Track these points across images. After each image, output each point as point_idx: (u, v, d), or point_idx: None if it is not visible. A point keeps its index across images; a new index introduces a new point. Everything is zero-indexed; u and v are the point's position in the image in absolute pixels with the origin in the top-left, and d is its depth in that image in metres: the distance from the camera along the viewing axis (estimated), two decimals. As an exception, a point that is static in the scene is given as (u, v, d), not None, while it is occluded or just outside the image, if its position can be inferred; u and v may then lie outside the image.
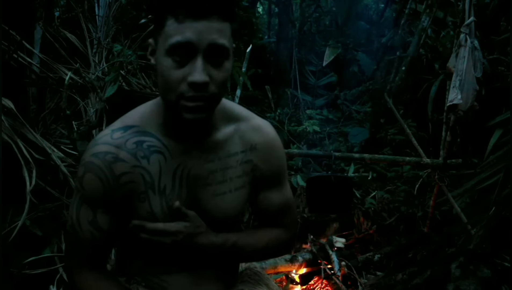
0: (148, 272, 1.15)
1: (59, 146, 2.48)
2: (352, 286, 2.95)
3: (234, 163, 1.12)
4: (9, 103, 2.04)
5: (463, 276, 2.48)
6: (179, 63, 0.94)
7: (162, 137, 1.06)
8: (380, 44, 6.95)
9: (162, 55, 0.95)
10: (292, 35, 7.02)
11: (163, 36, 0.94)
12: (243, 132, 1.14)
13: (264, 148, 1.15)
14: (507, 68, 3.85)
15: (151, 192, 1.06)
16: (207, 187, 1.10)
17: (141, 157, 1.04)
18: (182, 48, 0.93)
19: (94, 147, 1.05)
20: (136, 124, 1.07)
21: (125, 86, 2.99)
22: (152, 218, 1.06)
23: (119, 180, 1.03)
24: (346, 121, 6.40)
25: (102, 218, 1.06)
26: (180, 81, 0.94)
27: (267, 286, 1.28)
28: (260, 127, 1.17)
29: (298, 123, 5.91)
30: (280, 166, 1.19)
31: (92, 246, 1.08)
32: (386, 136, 4.92)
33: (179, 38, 0.92)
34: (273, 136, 1.18)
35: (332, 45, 7.13)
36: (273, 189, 1.19)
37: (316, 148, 5.35)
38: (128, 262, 1.17)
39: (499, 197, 2.58)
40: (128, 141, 1.04)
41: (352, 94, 6.82)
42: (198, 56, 0.93)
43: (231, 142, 1.12)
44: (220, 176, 1.10)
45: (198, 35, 0.92)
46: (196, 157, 1.08)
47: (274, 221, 1.22)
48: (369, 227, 3.63)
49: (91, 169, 1.03)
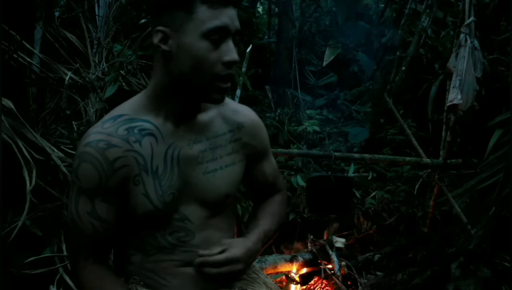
0: (147, 268, 1.15)
1: (59, 146, 2.47)
2: (352, 286, 2.95)
3: (223, 142, 1.19)
4: (9, 103, 2.04)
5: (463, 276, 2.48)
6: (215, 46, 1.02)
7: (153, 119, 1.10)
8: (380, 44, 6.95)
9: (195, 39, 1.01)
10: (292, 35, 7.02)
11: (194, 21, 1.00)
12: (226, 115, 1.21)
13: (251, 126, 1.25)
14: (507, 68, 3.85)
15: (145, 174, 1.09)
16: (198, 165, 1.14)
17: (133, 141, 1.08)
18: (218, 32, 1.01)
19: (86, 138, 1.08)
20: (126, 112, 1.11)
21: (125, 86, 2.98)
22: (147, 200, 1.09)
23: (113, 165, 1.06)
24: (346, 121, 6.41)
25: (100, 207, 1.08)
26: (216, 61, 1.03)
27: (265, 284, 1.28)
28: (241, 109, 1.27)
29: (298, 123, 5.91)
30: (267, 140, 1.33)
31: (94, 237, 1.09)
32: (386, 136, 4.92)
33: (217, 23, 1.01)
34: (255, 116, 1.29)
35: (332, 45, 7.13)
36: (265, 162, 1.33)
37: (316, 148, 5.35)
38: (126, 259, 1.17)
39: (499, 197, 2.58)
40: (120, 128, 1.08)
41: (352, 94, 6.83)
42: (229, 39, 1.04)
43: (216, 123, 1.19)
44: (210, 154, 1.16)
45: (230, 20, 1.03)
46: (186, 138, 1.13)
47: (271, 188, 1.38)
48: (369, 227, 3.63)
49: (85, 159, 1.06)
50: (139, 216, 1.10)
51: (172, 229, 1.13)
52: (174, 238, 1.14)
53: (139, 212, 1.09)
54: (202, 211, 1.16)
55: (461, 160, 3.27)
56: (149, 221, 1.12)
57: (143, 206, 1.09)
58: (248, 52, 3.12)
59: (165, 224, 1.13)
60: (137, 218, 1.11)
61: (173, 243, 1.14)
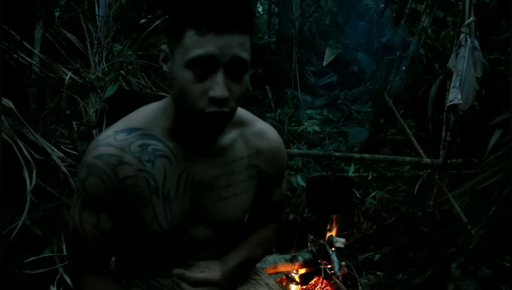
0: (148, 275, 1.15)
1: (59, 146, 2.48)
2: (352, 286, 2.95)
3: (239, 168, 1.12)
4: (9, 103, 2.05)
5: (463, 276, 2.48)
6: (200, 77, 0.90)
7: (167, 141, 1.04)
8: (380, 44, 6.94)
9: (180, 67, 0.91)
10: (292, 35, 7.01)
11: (181, 47, 0.91)
12: (247, 137, 1.13)
13: (270, 153, 1.16)
14: (507, 68, 3.85)
15: (155, 197, 1.04)
16: (212, 192, 1.09)
17: (146, 161, 1.02)
18: (203, 62, 0.89)
19: (97, 148, 1.01)
20: (140, 126, 1.04)
21: (125, 86, 2.98)
22: (155, 223, 1.06)
23: (123, 183, 1.01)
24: (346, 121, 6.40)
25: (105, 221, 1.04)
26: (201, 96, 0.91)
27: (267, 285, 1.28)
28: (265, 132, 1.17)
29: (298, 123, 5.90)
30: (284, 168, 1.25)
31: (96, 249, 1.07)
32: (386, 136, 4.92)
33: (200, 52, 0.88)
34: (277, 141, 1.20)
35: (332, 45, 7.12)
36: (274, 188, 1.24)
37: (316, 148, 5.34)
38: (129, 266, 1.17)
39: (499, 197, 2.58)
40: (133, 144, 1.02)
41: (352, 94, 6.82)
42: (219, 70, 0.90)
43: (236, 147, 1.11)
44: (225, 180, 1.10)
45: (220, 49, 0.88)
46: (201, 162, 1.07)
47: (271, 216, 1.29)
48: (369, 227, 3.63)
49: (94, 172, 1.00)
50: (147, 235, 1.08)
51: (178, 247, 1.12)
52: (179, 254, 1.13)
53: (147, 232, 1.07)
54: (210, 232, 1.13)
55: (461, 160, 3.26)
56: (158, 240, 1.10)
57: (151, 228, 1.06)
58: (248, 52, 3.11)
59: (172, 243, 1.11)
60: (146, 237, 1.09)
61: (177, 258, 1.13)
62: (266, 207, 1.26)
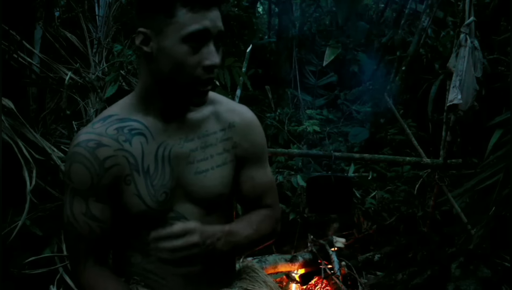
0: (147, 269, 1.15)
1: (59, 146, 2.48)
2: (352, 286, 2.95)
3: (214, 141, 1.15)
4: (9, 103, 2.04)
5: (463, 276, 2.48)
6: (194, 49, 1.00)
7: (142, 119, 1.09)
8: (380, 44, 6.94)
9: (175, 42, 0.99)
10: (292, 35, 7.01)
11: (174, 25, 0.99)
12: (219, 113, 1.17)
13: (242, 126, 1.18)
14: (507, 68, 3.85)
15: (136, 174, 1.08)
16: (189, 165, 1.12)
17: (123, 141, 1.07)
18: (199, 35, 0.99)
19: (76, 138, 1.08)
20: (115, 113, 1.10)
21: (125, 86, 2.98)
22: (139, 200, 1.08)
23: (104, 164, 1.05)
24: (346, 121, 6.40)
25: (94, 207, 1.07)
26: (196, 66, 1.01)
27: (265, 283, 1.28)
28: (237, 109, 1.21)
29: (298, 123, 5.90)
30: (261, 144, 1.23)
31: (91, 238, 1.09)
32: (386, 136, 4.92)
33: (197, 26, 0.98)
34: (250, 115, 1.22)
35: (332, 45, 7.11)
36: (256, 168, 1.21)
37: (316, 148, 5.34)
38: (126, 261, 1.17)
39: (499, 197, 2.58)
40: (109, 128, 1.07)
41: (352, 94, 6.81)
42: (210, 42, 1.01)
43: (208, 122, 1.15)
44: (201, 154, 1.13)
45: (212, 22, 1.00)
46: (176, 136, 1.11)
47: (259, 202, 1.22)
48: (369, 227, 3.63)
49: (75, 159, 1.06)
50: (133, 215, 1.10)
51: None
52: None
53: (133, 211, 1.09)
54: (197, 209, 1.14)
55: (461, 160, 3.27)
56: (145, 221, 1.11)
57: (137, 206, 1.08)
58: (248, 52, 3.12)
59: (162, 223, 1.11)
60: (133, 218, 1.11)
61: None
62: (251, 192, 1.20)
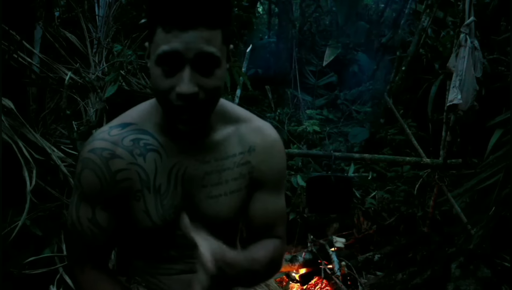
0: (148, 273, 1.15)
1: (59, 146, 2.47)
2: (352, 286, 2.95)
3: (231, 165, 1.10)
4: (9, 103, 2.04)
5: (463, 276, 2.48)
6: (168, 73, 0.93)
7: (159, 136, 1.05)
8: (380, 44, 6.94)
9: (152, 63, 0.95)
10: (292, 35, 7.01)
11: (153, 44, 0.94)
12: (242, 134, 1.11)
13: (263, 150, 1.12)
14: (507, 68, 3.85)
15: (146, 191, 1.05)
16: (202, 188, 1.08)
17: (138, 154, 1.04)
18: (169, 58, 0.91)
19: (91, 143, 1.05)
20: (134, 122, 1.07)
21: (125, 86, 2.98)
22: (147, 217, 1.07)
23: (115, 176, 1.04)
24: (346, 121, 6.40)
25: (101, 215, 1.06)
26: (169, 90, 0.93)
27: (267, 287, 1.28)
28: (261, 129, 1.14)
29: (298, 123, 5.91)
30: (280, 170, 1.15)
31: (93, 243, 1.08)
32: (386, 136, 4.92)
33: (165, 48, 0.91)
34: (274, 138, 1.15)
35: (332, 45, 7.12)
36: (271, 195, 1.14)
37: (316, 148, 5.35)
38: (128, 263, 1.17)
39: (499, 197, 2.58)
40: (125, 138, 1.05)
41: (352, 94, 6.82)
42: (186, 66, 0.92)
43: (229, 143, 1.10)
44: (216, 178, 1.09)
45: (184, 44, 0.90)
46: (192, 157, 1.07)
47: (269, 232, 1.15)
48: (369, 227, 3.63)
49: (88, 166, 1.04)
50: (139, 229, 1.09)
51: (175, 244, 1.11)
52: (177, 251, 1.12)
53: (139, 226, 1.08)
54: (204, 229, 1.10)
55: (461, 160, 3.27)
56: (151, 235, 1.10)
57: (143, 223, 1.07)
58: (248, 52, 3.12)
59: (168, 239, 1.10)
60: (139, 232, 1.10)
61: (176, 256, 1.12)
62: (263, 218, 1.14)
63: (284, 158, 1.17)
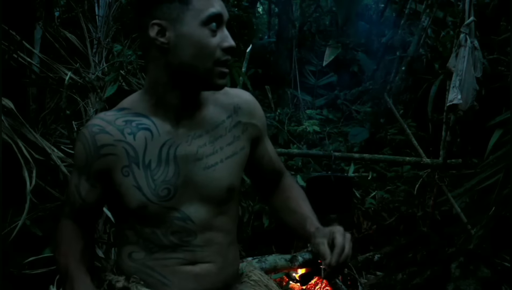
0: (148, 266, 1.15)
1: (59, 146, 2.47)
2: (352, 286, 2.95)
3: (223, 132, 1.17)
4: (9, 103, 2.04)
5: (463, 276, 2.48)
6: (213, 32, 1.06)
7: (152, 117, 1.12)
8: (380, 44, 6.94)
9: (195, 27, 1.04)
10: (292, 35, 7.00)
11: (192, 11, 1.04)
12: (220, 100, 1.19)
13: (247, 105, 1.23)
14: (507, 68, 3.85)
15: (135, 167, 1.10)
16: (197, 162, 1.13)
17: (128, 133, 1.11)
18: (215, 19, 1.05)
19: (89, 121, 1.15)
20: (129, 106, 1.15)
21: (125, 86, 2.98)
22: (139, 192, 1.10)
23: (99, 151, 1.10)
24: (346, 121, 6.39)
25: (83, 185, 1.15)
26: (216, 47, 1.06)
27: (266, 287, 1.28)
28: (236, 91, 1.26)
29: (298, 123, 5.90)
30: (264, 118, 1.30)
31: (74, 206, 1.19)
32: (386, 136, 4.92)
33: (214, 10, 1.05)
34: (248, 94, 1.27)
35: (332, 45, 7.11)
36: (267, 141, 1.30)
37: (316, 148, 5.34)
38: (128, 256, 1.18)
39: (499, 197, 2.58)
40: (118, 119, 1.12)
41: (352, 94, 6.81)
42: (223, 26, 1.08)
43: (214, 113, 1.17)
44: (210, 148, 1.15)
45: (221, 8, 1.07)
46: (185, 134, 1.13)
47: (278, 172, 1.36)
48: (369, 227, 3.63)
49: (79, 138, 1.14)
50: (135, 210, 1.11)
51: (174, 228, 1.13)
52: (176, 238, 1.14)
53: (133, 205, 1.10)
54: (205, 210, 1.15)
55: (461, 160, 3.27)
56: (148, 217, 1.12)
57: (136, 198, 1.10)
58: (248, 52, 3.11)
59: (166, 222, 1.13)
60: (135, 214, 1.12)
61: (176, 243, 1.14)
62: (270, 163, 1.32)
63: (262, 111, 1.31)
